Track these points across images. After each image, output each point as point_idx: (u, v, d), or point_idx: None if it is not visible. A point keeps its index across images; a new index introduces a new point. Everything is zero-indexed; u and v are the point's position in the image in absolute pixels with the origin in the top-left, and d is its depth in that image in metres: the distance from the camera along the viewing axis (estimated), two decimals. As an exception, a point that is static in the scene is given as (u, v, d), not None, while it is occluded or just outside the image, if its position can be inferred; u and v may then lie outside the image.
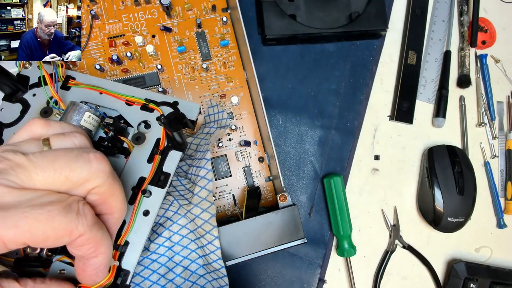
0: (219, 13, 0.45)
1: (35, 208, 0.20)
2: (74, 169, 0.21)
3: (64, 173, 0.21)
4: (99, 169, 0.22)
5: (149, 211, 0.31)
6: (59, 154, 0.22)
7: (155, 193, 0.32)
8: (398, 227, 0.46)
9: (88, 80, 0.36)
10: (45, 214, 0.20)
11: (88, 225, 0.21)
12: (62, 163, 0.21)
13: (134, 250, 0.30)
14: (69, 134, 0.24)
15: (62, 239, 0.21)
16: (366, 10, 0.46)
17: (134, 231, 0.30)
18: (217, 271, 0.35)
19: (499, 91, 0.51)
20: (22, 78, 0.36)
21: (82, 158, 0.22)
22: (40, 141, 0.23)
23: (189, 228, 0.36)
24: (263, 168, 0.44)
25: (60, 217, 0.20)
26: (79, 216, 0.21)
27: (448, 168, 0.44)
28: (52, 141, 0.23)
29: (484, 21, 0.52)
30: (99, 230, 0.22)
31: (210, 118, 0.42)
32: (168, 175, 0.32)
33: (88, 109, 0.31)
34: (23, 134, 0.24)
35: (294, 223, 0.37)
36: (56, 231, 0.20)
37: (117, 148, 0.34)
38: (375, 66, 0.49)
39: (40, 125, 0.24)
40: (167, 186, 0.32)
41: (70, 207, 0.21)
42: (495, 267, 0.45)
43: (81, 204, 0.21)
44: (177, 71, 0.44)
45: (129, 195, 0.32)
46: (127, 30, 0.44)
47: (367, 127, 0.48)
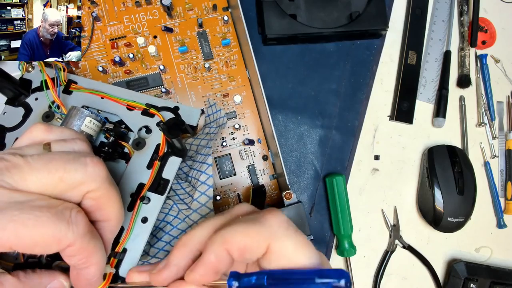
0: (220, 12, 0.45)
1: (24, 212, 0.19)
2: (68, 170, 0.21)
3: (58, 174, 0.21)
4: (95, 173, 0.22)
5: (147, 218, 0.31)
6: (55, 156, 0.22)
7: (154, 200, 0.31)
8: (398, 227, 0.46)
9: (90, 85, 0.36)
10: (33, 219, 0.19)
11: (79, 234, 0.20)
12: (57, 165, 0.21)
13: (132, 257, 0.30)
14: (70, 141, 0.24)
15: (51, 246, 0.20)
16: (366, 10, 0.46)
17: (132, 238, 0.30)
18: None
19: (499, 91, 0.51)
20: (24, 81, 0.36)
21: (79, 161, 0.22)
22: (41, 146, 0.23)
23: None
24: (267, 166, 0.44)
25: (49, 224, 0.19)
26: (70, 225, 0.20)
27: (448, 168, 0.45)
28: (52, 145, 0.23)
29: (484, 21, 0.52)
30: (91, 241, 0.22)
31: (210, 118, 0.42)
32: (167, 182, 0.32)
33: (89, 114, 0.31)
34: (25, 139, 0.24)
35: (300, 220, 0.37)
36: (44, 238, 0.19)
37: (117, 153, 0.34)
38: (375, 66, 0.49)
39: (41, 130, 0.24)
40: (166, 193, 0.32)
41: (62, 214, 0.20)
42: (495, 267, 0.45)
43: (74, 212, 0.21)
44: (180, 71, 0.44)
45: (127, 201, 0.31)
46: (128, 32, 0.44)
47: (367, 127, 0.48)
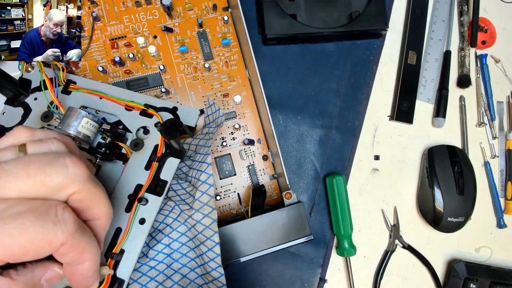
0: (220, 12, 0.45)
1: (7, 221, 0.18)
2: (49, 173, 0.20)
3: (38, 179, 0.20)
4: (76, 174, 0.21)
5: (145, 219, 0.31)
6: (32, 159, 0.20)
7: (151, 201, 0.31)
8: (398, 227, 0.46)
9: (88, 85, 0.36)
10: (17, 227, 0.18)
11: (68, 232, 0.19)
12: (36, 168, 0.20)
13: (129, 258, 0.30)
14: (47, 140, 0.23)
15: (43, 250, 0.19)
16: (366, 10, 0.46)
17: (130, 239, 0.30)
18: (216, 280, 0.34)
19: (499, 91, 0.51)
20: (24, 81, 0.36)
21: (58, 163, 0.20)
22: (16, 148, 0.22)
23: (188, 236, 0.36)
24: (267, 166, 0.44)
25: (35, 228, 0.18)
26: (57, 224, 0.19)
27: (448, 168, 0.45)
28: (28, 147, 0.22)
29: (484, 21, 0.52)
30: (83, 236, 0.21)
31: (209, 118, 0.42)
32: (165, 183, 0.32)
33: (86, 115, 0.31)
34: (6, 141, 0.23)
35: (300, 220, 0.37)
36: (34, 243, 0.18)
37: (114, 154, 0.33)
38: (375, 65, 0.49)
39: (24, 133, 0.23)
40: (164, 194, 0.32)
41: (47, 214, 0.19)
42: (495, 267, 0.45)
43: (60, 209, 0.20)
44: (180, 71, 0.44)
45: (125, 202, 0.31)
46: (128, 32, 0.44)
47: (367, 127, 0.48)
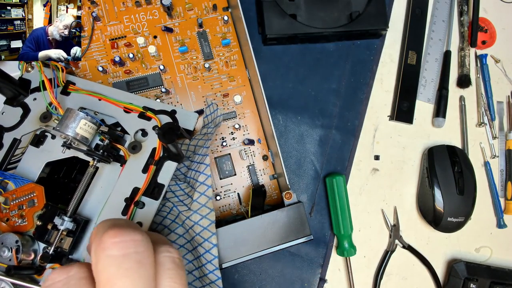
0: (220, 12, 0.45)
1: None
2: None
3: None
4: None
5: (142, 223, 0.31)
6: None
7: (148, 205, 0.31)
8: (398, 227, 0.46)
9: (88, 86, 0.36)
10: None
11: None
12: None
13: None
14: None
15: None
16: (367, 10, 0.46)
17: None
18: (212, 283, 0.34)
19: (499, 91, 0.51)
20: (24, 81, 0.36)
21: None
22: None
23: (186, 237, 0.35)
24: (267, 166, 0.44)
25: None
26: None
27: (448, 168, 0.45)
28: None
29: (484, 21, 0.52)
30: None
31: (208, 118, 0.42)
32: (162, 186, 0.32)
33: (84, 117, 0.31)
34: None
35: (300, 220, 0.37)
36: None
37: (112, 156, 0.33)
38: (375, 65, 0.49)
39: None
40: (160, 198, 0.32)
41: None
42: (495, 267, 0.45)
43: None
44: (180, 71, 0.44)
45: (122, 206, 0.31)
46: (128, 32, 0.44)
47: (367, 127, 0.48)
